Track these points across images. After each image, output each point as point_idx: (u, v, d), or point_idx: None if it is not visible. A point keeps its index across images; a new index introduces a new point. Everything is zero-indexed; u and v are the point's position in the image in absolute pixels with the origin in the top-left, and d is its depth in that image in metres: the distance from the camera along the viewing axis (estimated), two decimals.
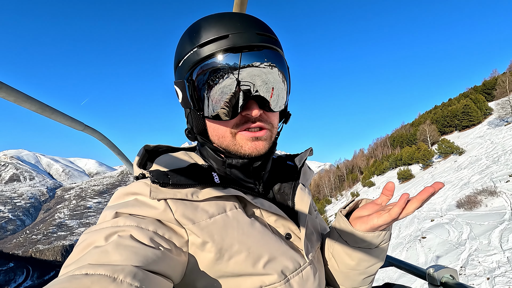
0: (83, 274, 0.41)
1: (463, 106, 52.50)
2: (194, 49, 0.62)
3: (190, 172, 0.66)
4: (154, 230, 0.55)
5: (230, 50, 0.60)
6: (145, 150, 0.74)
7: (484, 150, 33.13)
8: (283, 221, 0.70)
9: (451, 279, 0.93)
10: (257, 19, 0.66)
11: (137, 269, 0.44)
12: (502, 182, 20.20)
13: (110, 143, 1.52)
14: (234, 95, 0.61)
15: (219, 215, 0.61)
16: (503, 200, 17.36)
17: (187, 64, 0.63)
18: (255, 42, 0.61)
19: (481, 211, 17.03)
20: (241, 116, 0.64)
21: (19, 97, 0.76)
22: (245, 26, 0.61)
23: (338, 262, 0.77)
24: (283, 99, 0.69)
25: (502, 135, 35.57)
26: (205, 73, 0.61)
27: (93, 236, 0.52)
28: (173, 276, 0.54)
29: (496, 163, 26.15)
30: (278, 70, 0.65)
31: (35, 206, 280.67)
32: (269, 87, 0.63)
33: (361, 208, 0.73)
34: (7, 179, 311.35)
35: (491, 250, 11.68)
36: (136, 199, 0.60)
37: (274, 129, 0.70)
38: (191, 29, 0.65)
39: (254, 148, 0.66)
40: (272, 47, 0.64)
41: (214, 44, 0.60)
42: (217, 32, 0.60)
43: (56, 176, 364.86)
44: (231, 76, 0.60)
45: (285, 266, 0.64)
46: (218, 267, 0.60)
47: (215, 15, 0.65)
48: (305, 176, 0.86)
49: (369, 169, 66.06)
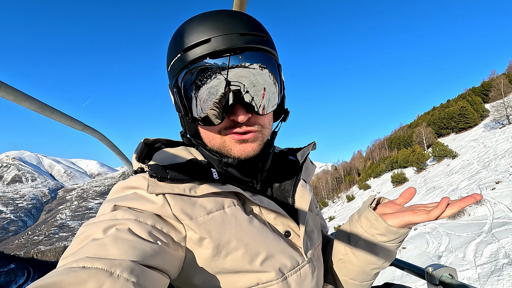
0: (80, 267, 0.41)
1: (459, 108, 52.00)
2: (178, 54, 0.60)
3: (189, 168, 0.65)
4: (152, 224, 0.55)
5: (211, 55, 0.58)
6: (144, 144, 0.73)
7: (476, 154, 32.69)
8: (282, 219, 0.69)
9: (450, 278, 0.93)
10: (243, 18, 0.62)
11: (134, 264, 0.44)
12: (488, 189, 19.81)
13: (110, 143, 1.52)
14: (218, 100, 0.59)
15: (217, 211, 0.61)
16: (486, 209, 16.98)
17: (173, 70, 0.63)
18: (238, 45, 0.58)
19: (463, 220, 16.66)
20: (228, 120, 0.63)
21: (18, 96, 0.76)
22: (228, 27, 0.58)
23: (359, 257, 0.77)
24: (274, 100, 0.66)
25: (495, 138, 35.13)
26: (188, 79, 0.60)
27: (92, 228, 0.52)
28: (170, 271, 0.54)
29: (486, 168, 25.72)
30: (266, 71, 0.62)
31: (37, 207, 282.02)
32: (257, 89, 0.61)
33: (383, 205, 0.77)
34: (9, 180, 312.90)
35: (465, 265, 11.32)
36: (135, 193, 0.60)
37: (265, 129, 0.68)
38: (177, 33, 0.63)
39: (242, 151, 0.65)
40: (257, 47, 0.61)
41: (197, 49, 0.58)
42: (199, 36, 0.58)
43: (58, 177, 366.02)
44: (214, 81, 0.58)
45: (283, 264, 0.64)
46: (215, 263, 0.59)
47: (199, 16, 0.62)
48: (307, 171, 0.85)
49: (366, 172, 65.64)
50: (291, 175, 0.79)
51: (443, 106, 66.09)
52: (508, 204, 16.24)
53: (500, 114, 40.45)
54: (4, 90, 0.71)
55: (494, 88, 48.26)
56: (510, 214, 14.76)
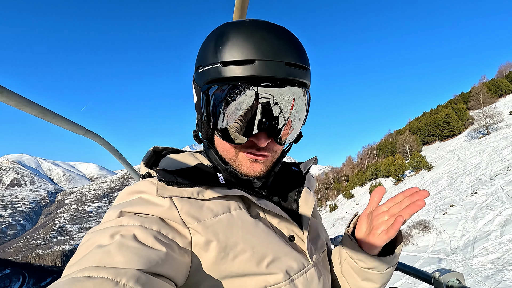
0: (86, 276, 0.41)
1: (444, 116, 51.00)
2: (217, 64, 0.59)
3: (196, 172, 0.67)
4: (158, 230, 0.55)
5: (251, 79, 0.58)
6: (153, 151, 0.76)
7: (448, 168, 31.97)
8: (287, 223, 0.70)
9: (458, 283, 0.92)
10: (291, 43, 0.61)
11: (140, 272, 0.44)
12: (440, 213, 18.95)
13: (111, 147, 1.53)
14: (245, 121, 0.60)
15: (223, 214, 0.61)
16: (430, 238, 16.16)
17: (206, 75, 0.62)
18: (281, 75, 0.58)
19: (406, 251, 15.84)
20: (248, 140, 0.64)
21: (20, 102, 0.77)
22: (274, 53, 0.58)
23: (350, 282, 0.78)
24: (296, 133, 0.68)
25: (470, 151, 34.27)
26: (222, 94, 0.59)
27: (97, 235, 0.52)
28: (177, 278, 0.53)
29: (451, 185, 24.97)
30: (299, 106, 0.63)
31: (35, 210, 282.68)
32: (283, 121, 0.63)
33: (359, 224, 0.73)
34: (8, 183, 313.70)
35: None
36: (141, 198, 0.60)
37: (277, 154, 0.71)
38: (218, 38, 0.61)
39: (252, 169, 0.66)
40: (296, 82, 0.62)
41: (237, 68, 0.57)
42: (243, 54, 0.57)
43: (57, 180, 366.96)
44: (246, 104, 0.58)
45: (290, 266, 0.64)
46: (223, 267, 0.59)
47: (246, 28, 0.60)
48: (310, 182, 0.86)
49: (353, 179, 64.64)
50: (295, 183, 0.81)
51: (432, 112, 64.96)
52: (451, 234, 15.45)
53: (479, 124, 39.54)
54: (6, 96, 0.72)
55: (473, 98, 47.20)
56: (448, 248, 13.99)
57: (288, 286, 0.62)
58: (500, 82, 56.84)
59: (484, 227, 14.20)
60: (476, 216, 15.97)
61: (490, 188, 19.04)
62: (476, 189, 20.29)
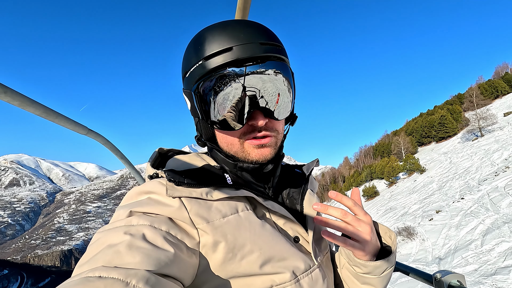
0: (97, 276, 0.41)
1: (439, 117, 50.68)
2: (200, 61, 0.64)
3: (204, 173, 0.69)
4: (167, 230, 0.55)
5: (234, 63, 0.62)
6: (158, 152, 0.77)
7: (440, 171, 31.68)
8: (292, 224, 0.71)
9: (459, 284, 0.92)
10: (260, 28, 0.67)
11: (149, 274, 0.45)
12: (426, 219, 18.66)
13: (113, 147, 1.54)
14: (239, 106, 0.63)
15: (232, 215, 0.62)
16: (413, 246, 15.87)
17: (193, 76, 0.66)
18: (259, 53, 0.62)
19: None
20: (247, 125, 0.66)
21: (24, 101, 0.78)
22: (248, 37, 0.63)
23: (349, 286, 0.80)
24: (288, 106, 0.70)
25: (462, 153, 33.97)
26: (211, 84, 0.63)
27: (107, 235, 0.52)
28: (185, 279, 0.54)
29: (440, 189, 24.66)
30: (282, 78, 0.66)
31: (34, 210, 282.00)
32: (273, 96, 0.65)
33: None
34: (7, 183, 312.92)
35: None
36: (150, 198, 0.61)
37: (279, 135, 0.72)
38: (196, 41, 0.66)
39: (261, 155, 0.68)
40: (276, 56, 0.66)
41: (219, 57, 0.62)
42: (221, 45, 0.62)
43: (56, 180, 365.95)
44: (235, 88, 0.62)
45: (296, 266, 0.65)
46: (230, 268, 0.60)
47: (218, 25, 0.66)
48: (312, 184, 0.88)
49: (349, 180, 64.37)
50: (298, 185, 0.82)
51: (428, 113, 64.55)
52: (433, 242, 15.15)
53: (473, 126, 39.29)
54: (10, 96, 0.72)
55: (467, 100, 46.92)
56: (429, 258, 13.67)
57: (294, 286, 0.63)
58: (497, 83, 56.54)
59: (466, 236, 13.91)
60: (460, 223, 15.67)
61: (477, 194, 18.72)
62: (463, 195, 19.97)
